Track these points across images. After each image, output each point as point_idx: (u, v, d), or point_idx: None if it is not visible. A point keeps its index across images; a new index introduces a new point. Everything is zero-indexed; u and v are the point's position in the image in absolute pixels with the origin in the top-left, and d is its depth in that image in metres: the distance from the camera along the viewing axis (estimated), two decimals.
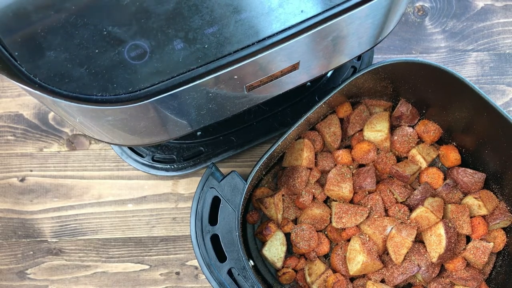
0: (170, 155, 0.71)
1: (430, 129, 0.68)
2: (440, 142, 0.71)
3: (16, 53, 0.37)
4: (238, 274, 0.62)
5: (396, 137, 0.68)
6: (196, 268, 0.72)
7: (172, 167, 0.70)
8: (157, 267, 0.72)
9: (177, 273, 0.72)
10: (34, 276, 0.72)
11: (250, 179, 0.60)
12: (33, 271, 0.72)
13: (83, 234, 0.73)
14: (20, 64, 0.37)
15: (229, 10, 0.40)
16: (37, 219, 0.73)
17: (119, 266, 0.72)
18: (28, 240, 0.73)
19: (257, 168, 0.60)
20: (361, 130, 0.69)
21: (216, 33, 0.39)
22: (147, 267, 0.72)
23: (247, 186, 0.60)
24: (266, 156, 0.60)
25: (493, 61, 0.77)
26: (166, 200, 0.74)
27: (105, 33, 0.38)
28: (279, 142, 0.60)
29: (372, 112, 0.70)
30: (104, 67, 0.38)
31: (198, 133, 0.70)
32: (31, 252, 0.73)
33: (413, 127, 0.69)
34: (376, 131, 0.67)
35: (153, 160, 0.71)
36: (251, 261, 0.63)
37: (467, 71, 0.77)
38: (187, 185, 0.74)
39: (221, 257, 0.62)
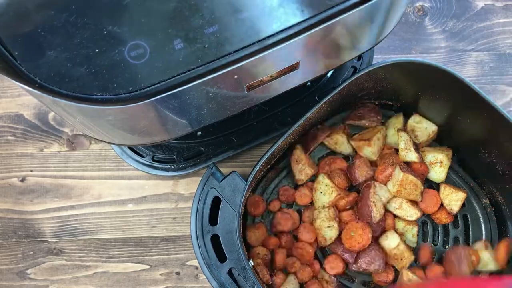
0: (170, 155, 0.71)
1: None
2: (439, 141, 0.71)
3: (16, 53, 0.37)
4: (238, 274, 0.62)
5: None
6: (196, 268, 0.72)
7: (172, 167, 0.70)
8: (157, 267, 0.72)
9: (178, 273, 0.72)
10: (34, 276, 0.72)
11: (251, 179, 0.60)
12: (33, 271, 0.72)
13: (83, 234, 0.73)
14: (20, 64, 0.37)
15: (229, 10, 0.40)
16: (37, 219, 0.73)
17: (119, 266, 0.72)
18: (28, 240, 0.73)
19: (257, 168, 0.60)
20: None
21: (216, 32, 0.40)
22: (148, 267, 0.72)
23: (247, 186, 0.60)
24: (266, 156, 0.60)
25: (493, 61, 0.77)
26: (166, 200, 0.74)
27: (105, 32, 0.38)
28: (279, 142, 0.60)
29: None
30: (104, 67, 0.38)
31: (198, 133, 0.70)
32: (31, 252, 0.73)
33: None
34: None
35: (153, 160, 0.71)
36: (251, 261, 0.63)
37: (467, 71, 0.77)
38: (187, 185, 0.74)
39: (221, 257, 0.62)
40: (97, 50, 0.38)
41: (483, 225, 0.69)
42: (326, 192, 0.66)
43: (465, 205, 0.70)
